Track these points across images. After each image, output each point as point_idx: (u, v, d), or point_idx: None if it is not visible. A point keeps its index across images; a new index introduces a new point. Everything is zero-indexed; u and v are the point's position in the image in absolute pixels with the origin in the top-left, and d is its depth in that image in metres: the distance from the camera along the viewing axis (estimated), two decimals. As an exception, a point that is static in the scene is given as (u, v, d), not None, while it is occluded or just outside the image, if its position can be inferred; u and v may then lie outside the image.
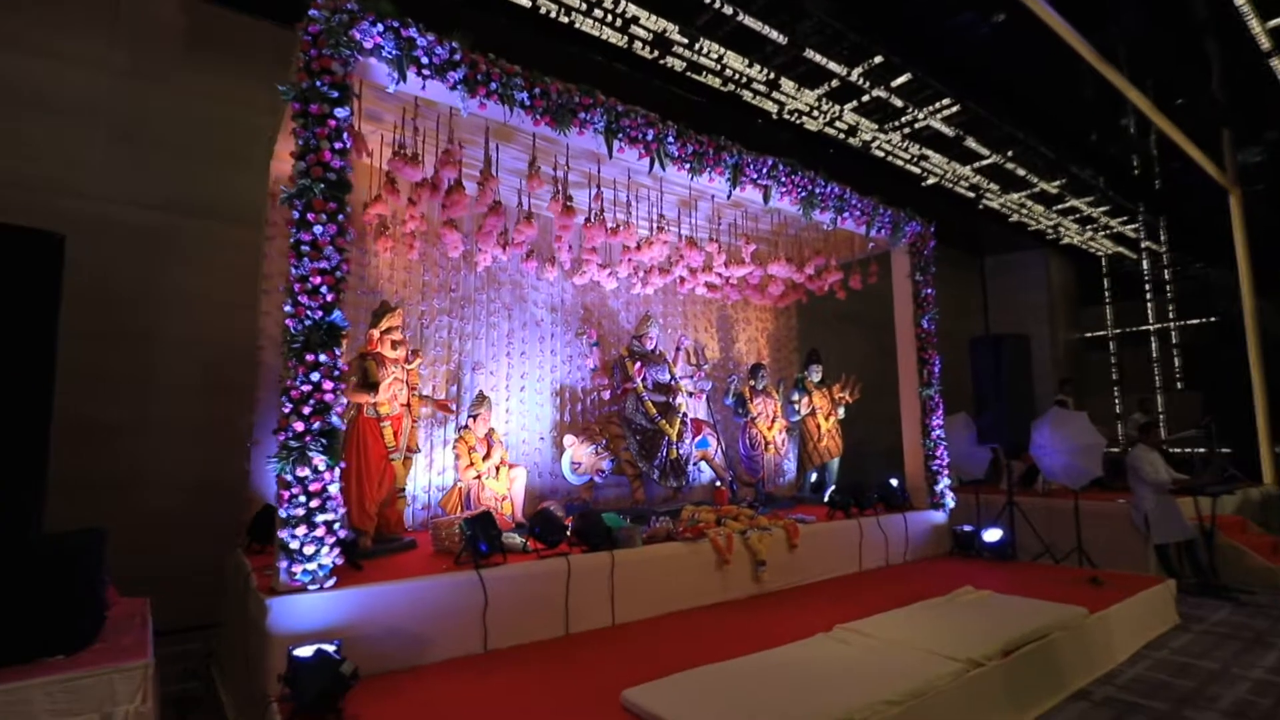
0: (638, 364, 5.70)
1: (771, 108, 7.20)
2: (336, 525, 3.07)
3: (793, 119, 7.42)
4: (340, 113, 3.23)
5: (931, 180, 9.02)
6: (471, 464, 4.74)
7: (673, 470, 5.63)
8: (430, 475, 5.11)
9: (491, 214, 4.55)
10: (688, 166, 4.72)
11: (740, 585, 4.52)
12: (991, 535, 5.83)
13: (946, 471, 6.31)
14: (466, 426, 4.92)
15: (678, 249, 5.50)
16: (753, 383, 6.74)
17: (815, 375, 7.10)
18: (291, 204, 3.13)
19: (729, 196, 5.11)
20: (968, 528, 6.06)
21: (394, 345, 4.23)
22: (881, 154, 8.30)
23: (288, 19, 3.63)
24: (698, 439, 6.04)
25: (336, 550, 3.07)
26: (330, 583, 3.06)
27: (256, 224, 4.72)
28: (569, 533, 4.08)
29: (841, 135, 7.76)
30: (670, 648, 3.56)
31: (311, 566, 2.98)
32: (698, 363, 6.33)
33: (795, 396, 7.02)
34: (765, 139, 6.19)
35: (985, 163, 8.64)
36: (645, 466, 5.54)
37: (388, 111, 4.22)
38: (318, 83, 3.19)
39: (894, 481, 6.22)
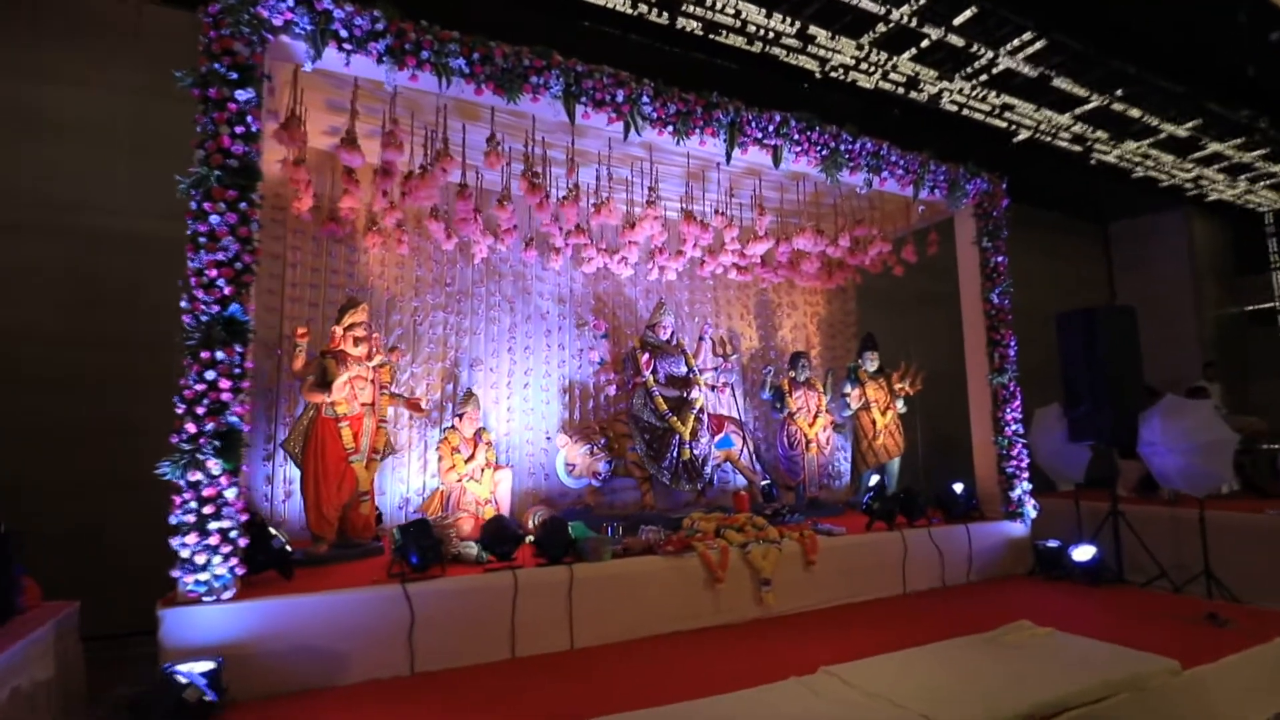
0: (645, 355, 5.18)
1: (812, 65, 6.42)
2: (234, 533, 2.86)
3: (841, 76, 6.58)
4: (241, 95, 3.04)
5: (1024, 135, 7.75)
6: (453, 466, 4.47)
7: (685, 472, 5.07)
8: (424, 478, 4.90)
9: (459, 198, 4.25)
10: (670, 129, 4.18)
11: (738, 608, 3.91)
12: (1082, 553, 4.75)
13: (1026, 474, 5.26)
14: (452, 426, 4.67)
15: (676, 226, 4.94)
16: (792, 374, 6.01)
17: (870, 364, 6.22)
18: (189, 194, 2.96)
19: (728, 161, 4.48)
20: (1053, 543, 4.99)
21: (356, 342, 4.02)
22: (955, 108, 7.20)
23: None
24: (719, 438, 5.42)
25: (235, 560, 2.86)
26: (228, 594, 2.86)
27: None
28: (531, 543, 3.69)
29: (900, 90, 6.79)
30: (626, 679, 3.09)
31: (204, 577, 2.79)
32: (725, 353, 5.71)
33: (847, 388, 6.19)
34: (814, 103, 5.46)
35: (1088, 108, 7.26)
36: (653, 468, 5.02)
37: (358, 100, 4.01)
38: (216, 65, 3.01)
39: (958, 486, 5.26)
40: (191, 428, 2.81)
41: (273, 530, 3.30)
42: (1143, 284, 10.30)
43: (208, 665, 2.55)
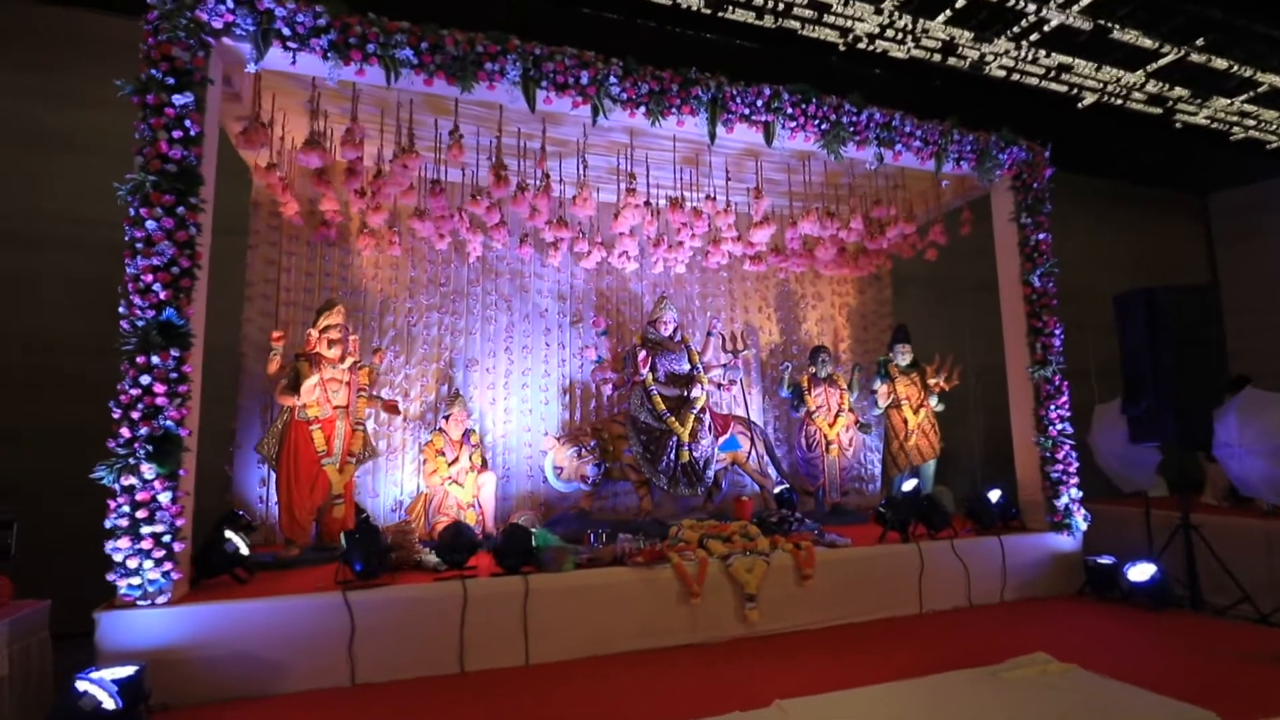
0: (644, 353, 4.92)
1: (833, 36, 5.95)
2: (168, 538, 2.84)
3: (869, 47, 6.06)
4: (179, 99, 3.04)
5: (1090, 99, 6.91)
6: (436, 469, 4.38)
7: (684, 475, 4.76)
8: (417, 481, 4.85)
9: (431, 195, 4.16)
10: (643, 110, 3.91)
11: (717, 625, 3.59)
12: (1140, 572, 4.11)
13: (1074, 479, 4.62)
14: (439, 429, 4.58)
15: (663, 214, 4.65)
16: (812, 369, 5.58)
17: (902, 358, 5.68)
18: (128, 200, 2.98)
19: (711, 140, 4.16)
20: (1106, 559, 4.35)
21: (331, 344, 4.00)
22: (1003, 73, 6.50)
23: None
24: (723, 439, 5.08)
25: (170, 565, 2.85)
26: (163, 599, 2.84)
27: (240, 232, 4.79)
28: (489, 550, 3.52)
29: (937, 57, 6.18)
30: (571, 700, 2.88)
31: (137, 581, 2.79)
32: (735, 349, 5.36)
33: (876, 385, 5.69)
34: (846, 79, 5.02)
35: (1163, 62, 6.36)
36: (650, 471, 4.75)
37: (330, 103, 3.99)
38: (153, 70, 3.02)
39: (994, 494, 4.69)
40: (126, 432, 2.82)
41: (229, 534, 3.29)
42: (1251, 261, 9.04)
43: (125, 671, 2.52)
